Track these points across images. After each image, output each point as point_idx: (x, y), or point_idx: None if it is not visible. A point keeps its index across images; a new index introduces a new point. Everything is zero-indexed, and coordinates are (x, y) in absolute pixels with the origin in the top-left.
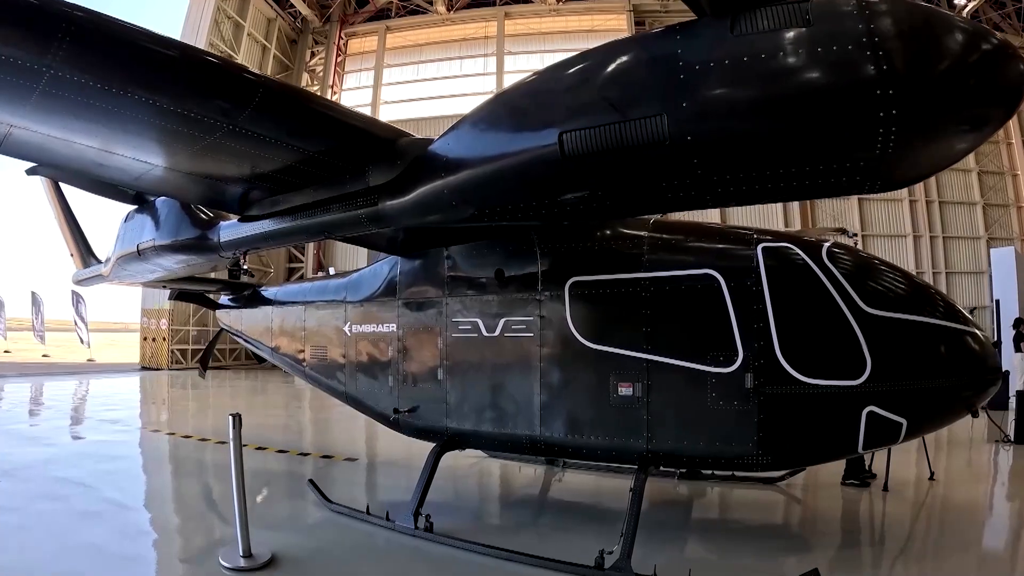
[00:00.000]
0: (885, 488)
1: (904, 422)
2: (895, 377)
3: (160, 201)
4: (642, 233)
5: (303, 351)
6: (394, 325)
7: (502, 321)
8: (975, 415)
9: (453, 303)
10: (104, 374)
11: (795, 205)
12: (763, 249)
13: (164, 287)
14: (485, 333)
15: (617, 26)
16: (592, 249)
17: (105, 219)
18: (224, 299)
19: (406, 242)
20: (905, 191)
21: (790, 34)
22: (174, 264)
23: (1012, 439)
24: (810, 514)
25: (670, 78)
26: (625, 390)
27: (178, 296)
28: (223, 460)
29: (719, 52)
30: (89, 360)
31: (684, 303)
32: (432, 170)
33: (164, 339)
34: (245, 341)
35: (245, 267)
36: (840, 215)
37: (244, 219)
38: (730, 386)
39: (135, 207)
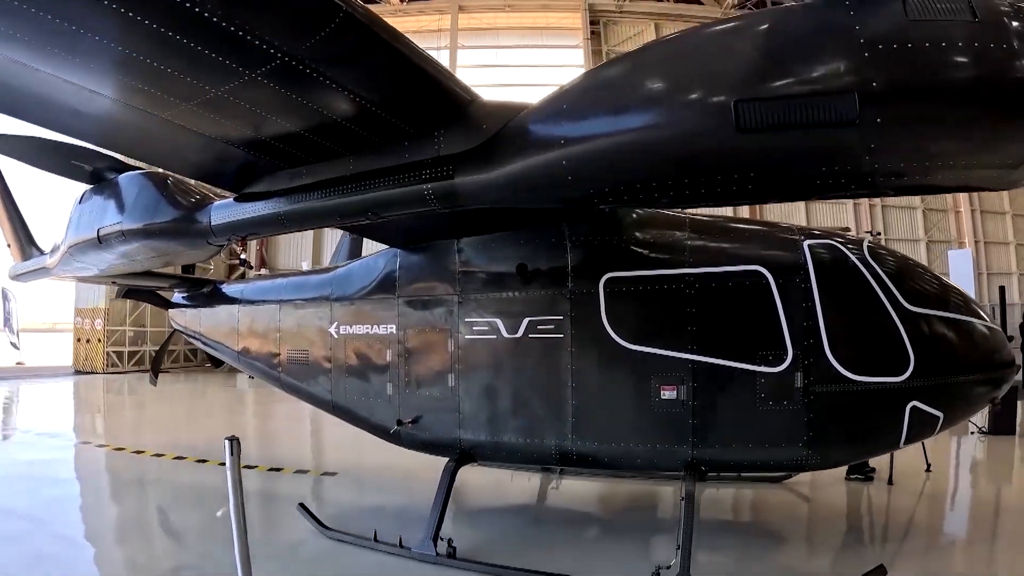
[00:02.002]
0: (890, 482)
1: (941, 415)
2: (935, 372)
3: (125, 178)
4: (684, 226)
5: (278, 355)
6: (393, 326)
7: (525, 321)
8: (997, 406)
9: (466, 301)
10: (35, 378)
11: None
12: (810, 246)
13: (113, 283)
14: (505, 334)
15: (572, 24)
16: (630, 243)
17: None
18: (178, 297)
19: (410, 231)
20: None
21: (961, 27)
22: (146, 252)
23: (987, 430)
24: (836, 512)
25: (857, 54)
26: (668, 393)
27: (127, 294)
28: (186, 480)
29: (901, 33)
30: (18, 363)
31: (732, 300)
32: (541, 140)
33: (99, 340)
34: (204, 344)
35: (243, 256)
36: (787, 215)
37: (245, 197)
38: (780, 386)
39: (91, 186)
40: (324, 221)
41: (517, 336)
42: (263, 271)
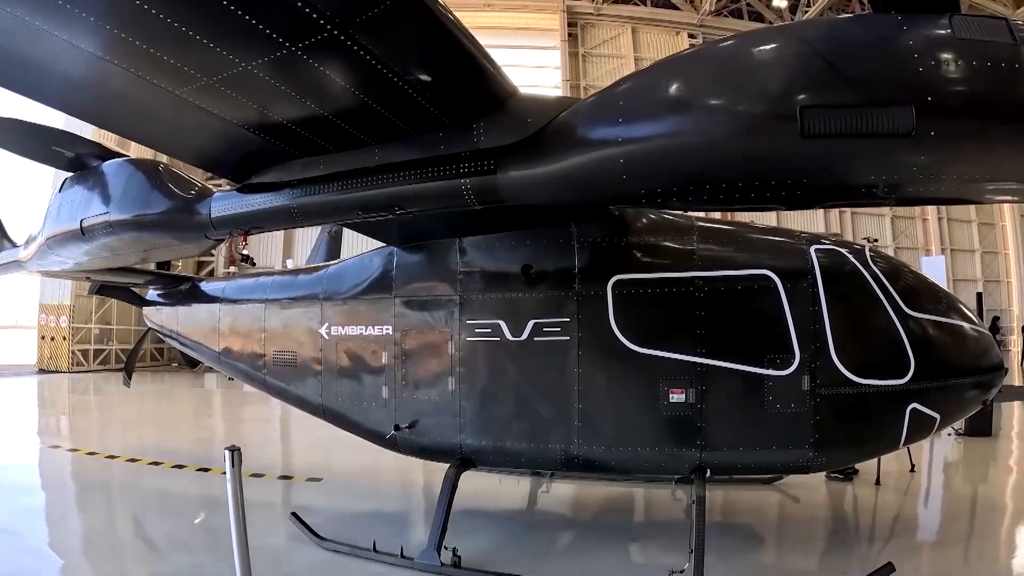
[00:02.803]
0: (877, 482)
1: (938, 417)
2: (933, 375)
3: (111, 165)
4: (693, 230)
5: (263, 357)
6: (389, 327)
7: (531, 323)
8: (989, 408)
9: (468, 302)
10: None
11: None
12: (816, 251)
13: (87, 278)
14: (509, 336)
15: (550, 25)
16: (639, 245)
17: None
18: (153, 294)
19: (409, 229)
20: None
21: (1003, 49)
22: (135, 245)
23: (963, 432)
24: (832, 512)
25: (914, 68)
26: (677, 396)
27: (99, 290)
28: (165, 487)
29: (951, 51)
30: None
31: (741, 304)
32: (597, 136)
33: (64, 338)
34: (181, 344)
35: (245, 251)
36: (758, 222)
37: (251, 188)
38: (787, 389)
39: (72, 174)
40: (341, 215)
41: (522, 338)
42: (232, 269)
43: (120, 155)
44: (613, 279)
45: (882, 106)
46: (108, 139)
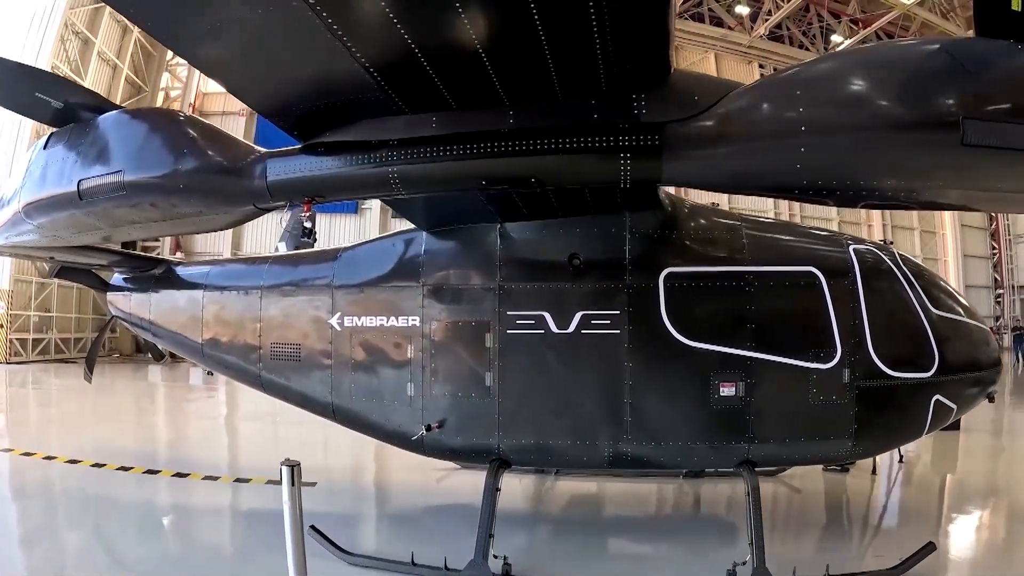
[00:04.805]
0: (873, 472)
1: (955, 408)
2: (953, 369)
3: (117, 117)
4: (740, 226)
5: (258, 349)
6: (416, 318)
7: (578, 315)
8: (992, 400)
9: (509, 292)
10: None
11: None
12: (855, 250)
13: (51, 259)
14: (555, 329)
15: None
16: (690, 238)
17: None
18: (118, 279)
19: (443, 212)
20: (771, 205)
21: None
22: (150, 214)
23: None
24: (842, 501)
25: None
26: (727, 390)
27: (60, 272)
28: (145, 497)
29: None
30: None
31: (788, 299)
32: (775, 123)
33: (1, 326)
34: (155, 335)
35: (308, 223)
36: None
37: (327, 148)
38: (829, 382)
39: (57, 129)
40: (457, 184)
41: (568, 331)
42: (179, 254)
43: (118, 108)
44: (665, 271)
45: (1018, 123)
46: None
